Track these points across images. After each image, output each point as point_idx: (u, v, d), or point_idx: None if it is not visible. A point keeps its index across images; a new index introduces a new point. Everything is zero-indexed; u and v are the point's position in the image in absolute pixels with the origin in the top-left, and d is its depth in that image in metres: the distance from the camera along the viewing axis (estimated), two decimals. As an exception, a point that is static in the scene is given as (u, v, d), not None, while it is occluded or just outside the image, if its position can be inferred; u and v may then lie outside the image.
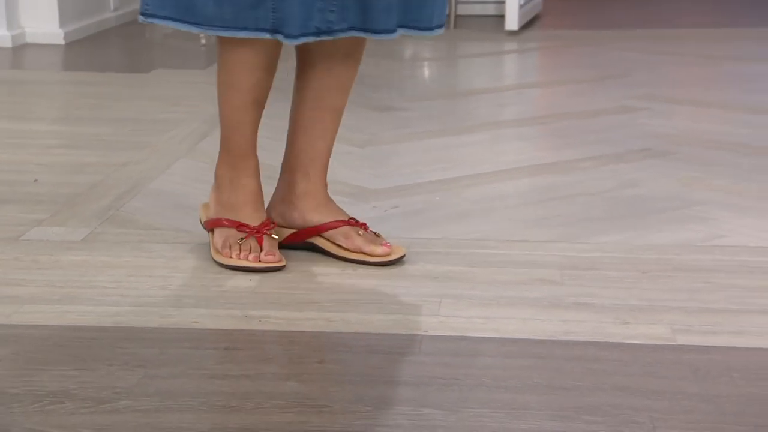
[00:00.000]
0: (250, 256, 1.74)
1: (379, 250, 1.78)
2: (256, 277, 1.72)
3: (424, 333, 1.52)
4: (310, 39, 1.64)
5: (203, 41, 4.12)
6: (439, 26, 1.75)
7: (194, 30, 1.68)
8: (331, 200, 1.84)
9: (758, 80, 3.56)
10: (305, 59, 1.78)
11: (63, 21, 4.22)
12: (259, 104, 1.77)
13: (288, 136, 1.85)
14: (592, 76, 3.68)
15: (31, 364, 1.42)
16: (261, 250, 1.74)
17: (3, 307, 1.61)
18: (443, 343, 1.49)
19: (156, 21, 1.70)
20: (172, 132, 2.74)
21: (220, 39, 1.72)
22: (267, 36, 1.64)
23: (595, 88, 3.46)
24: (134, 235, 1.93)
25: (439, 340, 1.50)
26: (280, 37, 1.63)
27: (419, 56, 4.29)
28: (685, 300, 1.65)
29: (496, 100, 3.30)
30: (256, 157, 1.83)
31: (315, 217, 1.81)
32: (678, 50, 4.22)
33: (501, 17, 4.89)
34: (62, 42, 4.19)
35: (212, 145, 2.61)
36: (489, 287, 1.70)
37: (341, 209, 1.83)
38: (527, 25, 4.91)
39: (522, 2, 4.78)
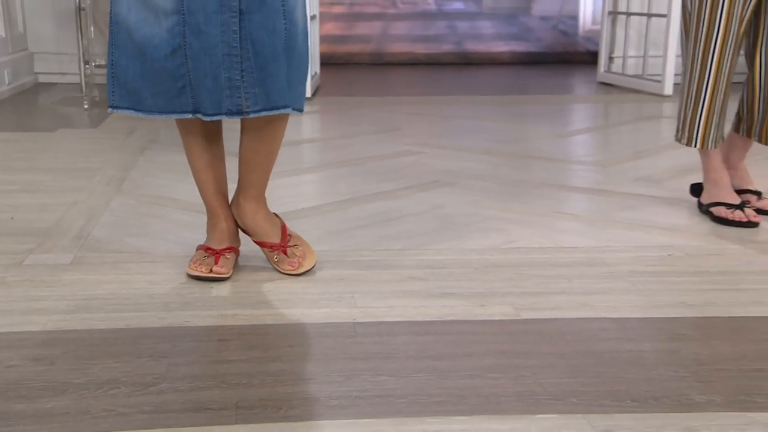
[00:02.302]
0: (203, 268, 1.65)
1: (287, 268, 1.72)
2: (217, 285, 1.63)
3: (353, 321, 1.49)
4: (225, 117, 1.56)
5: (86, 106, 3.83)
6: (298, 109, 1.64)
7: (142, 116, 1.59)
8: (265, 219, 1.73)
9: (480, 132, 3.73)
10: (241, 123, 1.70)
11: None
12: (212, 167, 1.68)
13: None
14: (375, 130, 3.72)
15: (81, 360, 1.30)
16: (215, 265, 1.65)
17: (37, 317, 1.48)
18: (370, 327, 1.47)
19: (120, 111, 1.60)
20: (96, 177, 2.54)
21: (177, 121, 1.63)
22: (190, 116, 1.57)
23: (381, 138, 3.51)
24: (109, 258, 1.79)
25: (366, 326, 1.47)
26: (200, 116, 1.56)
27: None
28: (511, 287, 1.70)
29: (316, 148, 3.28)
30: (225, 205, 1.74)
31: (254, 232, 1.73)
32: (421, 111, 4.35)
33: (296, 87, 4.87)
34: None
35: (132, 186, 2.46)
36: (381, 284, 1.69)
37: (274, 228, 1.74)
38: (314, 93, 4.92)
39: (312, 75, 4.77)
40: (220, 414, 1.13)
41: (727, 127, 2.34)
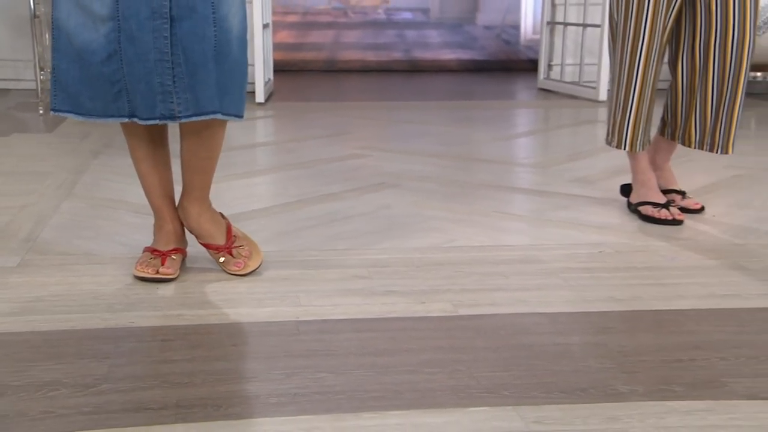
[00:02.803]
0: (149, 270, 1.61)
1: (233, 269, 1.69)
2: (162, 286, 1.59)
3: (297, 319, 1.47)
4: (158, 122, 1.52)
5: (41, 111, 3.73)
6: (236, 115, 1.60)
7: (82, 119, 1.55)
8: (209, 221, 1.69)
9: (426, 135, 3.73)
10: (180, 127, 1.66)
11: None
12: (158, 170, 1.64)
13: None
14: (325, 134, 3.69)
15: (21, 362, 1.26)
16: (162, 266, 1.61)
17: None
18: (312, 325, 1.45)
19: (61, 114, 1.55)
20: (47, 181, 2.47)
21: (121, 125, 1.58)
22: (127, 120, 1.53)
23: (331, 142, 3.48)
24: (56, 260, 1.73)
25: (309, 324, 1.45)
26: (136, 120, 1.52)
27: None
28: (451, 284, 1.69)
29: (268, 151, 3.24)
30: (171, 208, 1.69)
31: (199, 234, 1.70)
32: (371, 116, 4.33)
33: (251, 93, 4.81)
34: None
35: (84, 189, 2.39)
36: (326, 283, 1.67)
37: (218, 230, 1.70)
38: (268, 99, 4.86)
39: (266, 81, 4.73)
40: (160, 414, 1.09)
41: (654, 131, 2.38)
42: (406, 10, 7.45)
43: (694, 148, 2.25)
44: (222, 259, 1.68)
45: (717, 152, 2.21)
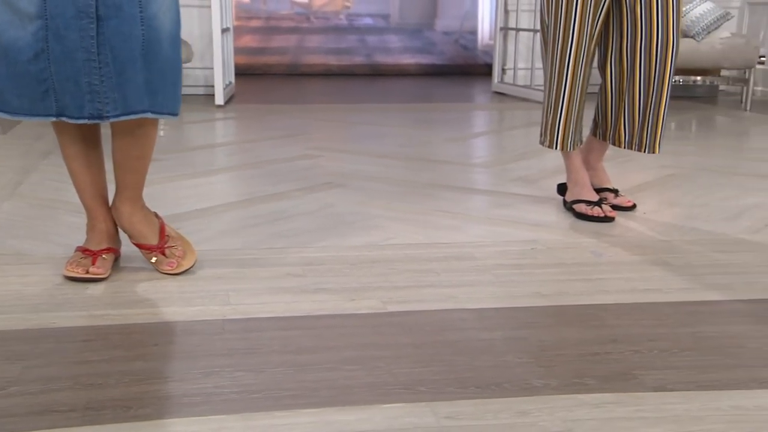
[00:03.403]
0: (79, 269, 1.55)
1: (166, 269, 1.63)
2: (92, 285, 1.53)
3: (223, 318, 1.42)
4: (87, 121, 1.45)
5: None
6: (171, 113, 1.54)
7: (8, 117, 1.47)
8: (141, 221, 1.64)
9: (380, 137, 3.70)
10: (111, 126, 1.60)
11: None
12: (90, 169, 1.58)
13: None
14: (281, 135, 3.64)
15: None
16: (92, 266, 1.55)
17: None
18: (238, 323, 1.40)
19: None
20: (-8, 180, 2.38)
21: (52, 123, 1.52)
22: (54, 119, 1.47)
23: (284, 142, 3.43)
24: (-14, 261, 1.66)
25: (235, 323, 1.40)
26: (64, 119, 1.46)
27: (159, 122, 4.04)
28: (383, 282, 1.65)
29: (222, 152, 3.18)
30: (104, 207, 1.63)
31: (131, 234, 1.64)
32: (328, 118, 4.29)
33: (211, 95, 4.74)
34: None
35: (28, 190, 2.31)
36: (258, 281, 1.62)
37: (151, 230, 1.64)
38: (228, 101, 4.79)
39: (225, 85, 4.66)
40: (68, 416, 1.04)
41: (587, 132, 2.37)
42: (367, 16, 7.40)
43: (624, 148, 2.24)
44: (154, 259, 1.62)
45: (644, 152, 2.21)
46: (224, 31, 4.67)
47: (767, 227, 2.11)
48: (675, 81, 4.88)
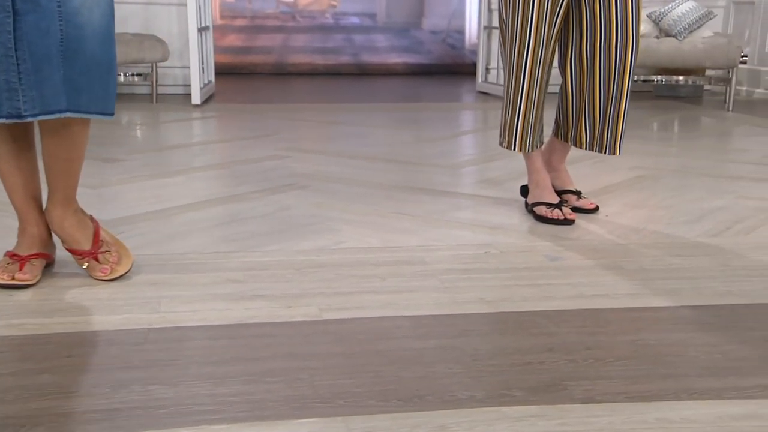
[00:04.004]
0: (5, 275, 1.50)
1: (99, 275, 1.58)
2: (18, 292, 1.48)
3: (149, 327, 1.37)
4: (6, 120, 1.40)
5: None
6: (101, 113, 1.48)
7: None
8: (74, 225, 1.59)
9: (356, 137, 3.66)
10: (39, 127, 1.54)
11: None
12: (21, 171, 1.53)
13: None
14: (254, 135, 3.60)
15: None
16: (19, 271, 1.50)
17: None
18: (164, 333, 1.35)
19: None
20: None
21: None
22: None
23: (256, 143, 3.39)
24: None
25: (160, 332, 1.35)
26: None
27: (133, 122, 4.00)
28: (325, 288, 1.61)
29: (190, 152, 3.14)
30: (36, 211, 1.58)
31: (63, 239, 1.59)
32: (308, 118, 4.25)
33: (188, 95, 4.70)
34: None
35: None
36: (194, 288, 1.57)
37: (84, 234, 1.59)
38: (206, 101, 4.75)
39: (202, 85, 4.61)
40: (-45, 434, 1.00)
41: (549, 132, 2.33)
42: (353, 15, 7.36)
43: (585, 149, 2.20)
44: (86, 265, 1.57)
45: (605, 153, 2.16)
46: (203, 29, 4.63)
47: (728, 230, 2.07)
48: (658, 81, 4.84)
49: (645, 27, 4.73)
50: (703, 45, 4.54)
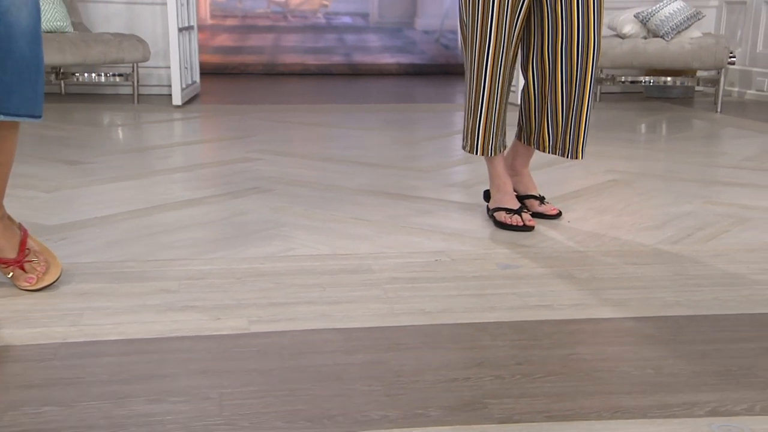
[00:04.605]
0: None
1: (24, 284, 1.53)
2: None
3: (62, 341, 1.30)
4: None
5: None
6: (30, 116, 1.43)
7: None
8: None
9: (334, 139, 3.61)
10: None
11: None
12: None
13: None
14: (230, 137, 3.55)
15: None
16: None
17: None
18: (76, 348, 1.29)
19: None
20: None
21: None
22: None
23: (231, 144, 3.34)
24: None
25: (73, 346, 1.29)
26: None
27: (114, 123, 3.95)
28: (260, 298, 1.55)
29: (159, 155, 3.08)
30: None
31: None
32: (291, 119, 4.19)
33: (168, 96, 4.65)
34: None
35: None
36: (123, 299, 1.51)
37: (9, 243, 1.53)
38: (190, 101, 4.70)
39: (184, 86, 4.56)
40: None
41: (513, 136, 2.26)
42: (345, 14, 7.30)
43: (548, 152, 2.13)
44: (11, 275, 1.52)
45: (568, 157, 2.10)
46: (186, 29, 4.58)
47: (689, 237, 2.00)
48: (646, 82, 4.76)
49: (633, 27, 4.65)
50: (691, 46, 4.46)
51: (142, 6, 4.92)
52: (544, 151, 2.13)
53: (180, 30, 4.35)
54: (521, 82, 2.27)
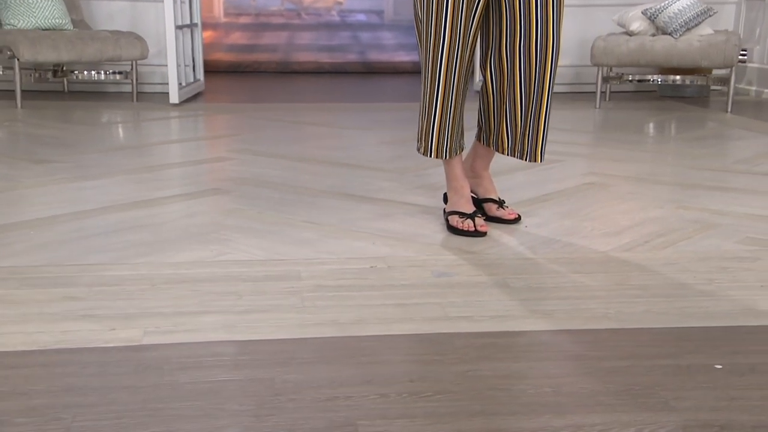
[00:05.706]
0: None
1: None
2: None
3: (-66, 350, 1.26)
4: None
5: None
6: None
7: None
8: None
9: (319, 138, 3.52)
10: None
11: None
12: None
13: None
14: (215, 135, 3.49)
15: None
16: None
17: None
18: (-54, 357, 1.24)
19: None
20: None
21: None
22: None
23: (211, 143, 3.27)
24: None
25: (-57, 356, 1.24)
26: None
27: (106, 121, 3.93)
28: (168, 306, 1.46)
29: (133, 154, 3.03)
30: None
31: None
32: (285, 118, 4.12)
33: (165, 94, 4.62)
34: None
35: None
36: (21, 306, 1.44)
37: None
38: (190, 99, 4.66)
39: (183, 84, 4.53)
40: None
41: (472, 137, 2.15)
42: (360, 12, 7.22)
43: (507, 155, 2.01)
44: None
45: (526, 160, 1.98)
46: (188, 26, 4.55)
47: (646, 244, 1.86)
48: (655, 81, 4.57)
49: (641, 24, 4.47)
50: (699, 43, 4.27)
51: (145, 3, 4.91)
52: (503, 153, 2.02)
53: (180, 27, 4.31)
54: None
